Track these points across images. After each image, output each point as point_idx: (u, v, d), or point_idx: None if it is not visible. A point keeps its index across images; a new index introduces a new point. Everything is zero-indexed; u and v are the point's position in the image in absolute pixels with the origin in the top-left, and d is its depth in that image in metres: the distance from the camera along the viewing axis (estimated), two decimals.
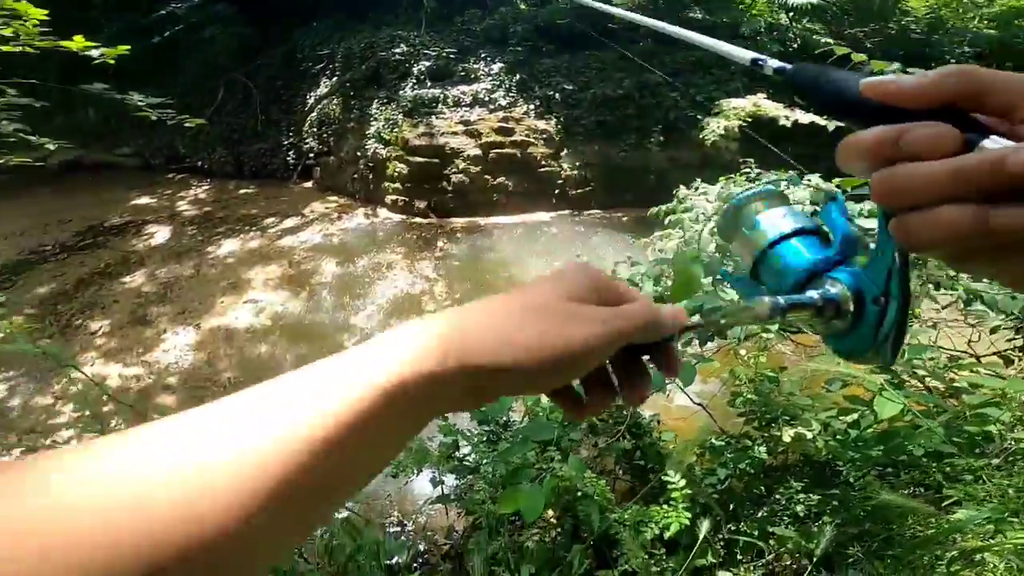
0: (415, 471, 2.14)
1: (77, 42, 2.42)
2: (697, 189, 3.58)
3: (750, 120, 6.64)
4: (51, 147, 3.17)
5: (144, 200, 7.62)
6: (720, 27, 8.63)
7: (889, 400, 1.34)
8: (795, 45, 8.10)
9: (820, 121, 6.13)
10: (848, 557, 1.54)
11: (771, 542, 1.66)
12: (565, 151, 7.39)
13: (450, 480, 2.08)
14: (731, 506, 1.76)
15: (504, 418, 2.12)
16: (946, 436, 1.38)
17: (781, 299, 0.31)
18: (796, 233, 0.34)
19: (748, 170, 3.51)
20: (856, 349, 0.32)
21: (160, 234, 6.51)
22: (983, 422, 1.41)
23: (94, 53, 2.51)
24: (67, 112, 9.09)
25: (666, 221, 3.50)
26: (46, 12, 2.40)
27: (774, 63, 0.35)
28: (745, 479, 1.81)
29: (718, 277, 1.81)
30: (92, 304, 5.30)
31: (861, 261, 0.32)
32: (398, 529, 2.77)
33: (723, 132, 6.70)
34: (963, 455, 1.35)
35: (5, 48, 2.52)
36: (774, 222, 0.35)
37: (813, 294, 0.31)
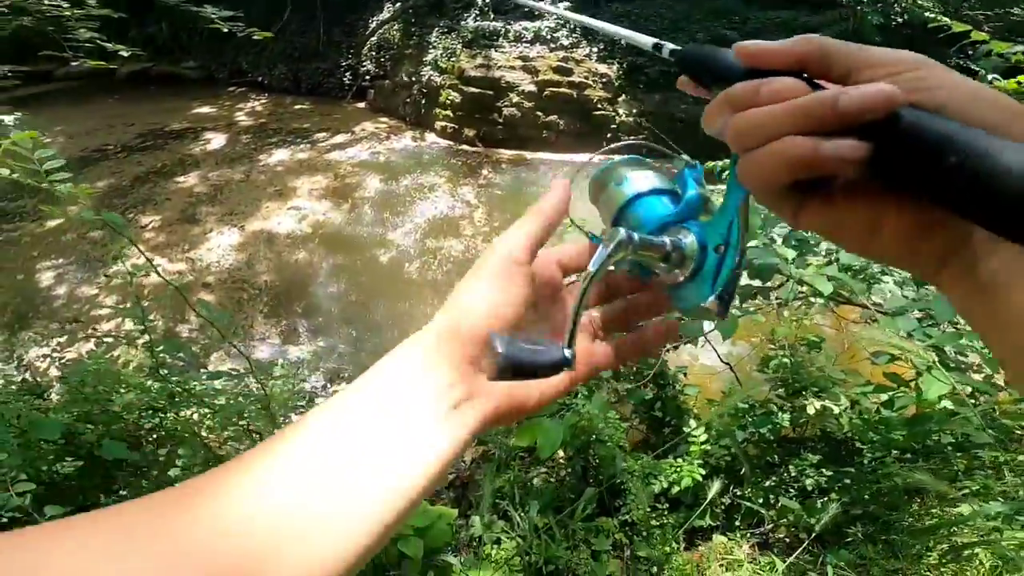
0: None
1: None
2: None
3: None
4: (124, 54, 3.24)
5: (205, 109, 7.81)
6: None
7: (937, 380, 1.24)
8: (900, 19, 7.36)
9: None
10: (845, 536, 1.54)
11: (772, 512, 1.65)
12: (623, 97, 7.14)
13: None
14: (740, 471, 1.73)
15: None
16: (980, 426, 1.31)
17: (636, 235, 0.33)
18: (652, 192, 0.37)
19: None
20: (694, 298, 0.34)
21: (216, 141, 6.66)
22: (1021, 416, 1.33)
23: None
24: (140, 25, 9.33)
25: (722, 176, 3.30)
26: None
27: (669, 46, 0.35)
28: (761, 445, 1.79)
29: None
30: (146, 200, 5.50)
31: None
32: None
33: None
34: (993, 447, 1.29)
35: None
36: (634, 182, 0.38)
37: (665, 239, 0.34)
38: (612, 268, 0.35)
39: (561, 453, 1.85)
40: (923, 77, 0.25)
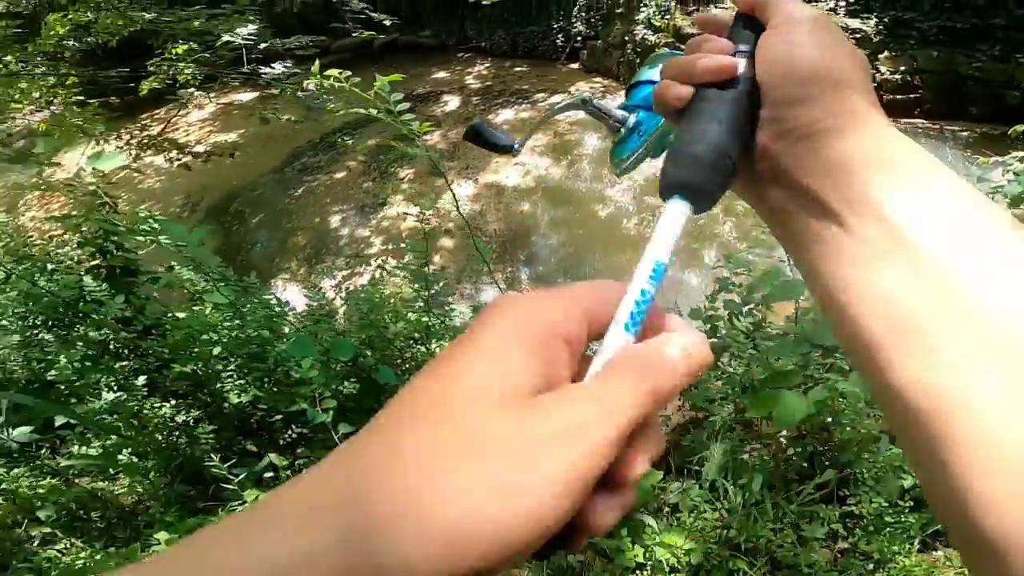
0: None
1: None
2: None
3: None
4: (387, 23, 3.70)
5: (441, 74, 8.83)
6: None
7: None
8: None
9: None
10: None
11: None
12: (885, 54, 6.14)
13: None
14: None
15: (759, 316, 1.94)
16: None
17: (594, 101, 0.51)
18: (647, 82, 0.49)
19: None
20: (618, 152, 0.53)
21: (452, 102, 7.54)
22: None
23: None
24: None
25: None
26: None
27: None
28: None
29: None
30: (402, 156, 6.49)
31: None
32: None
33: None
34: None
35: None
36: (646, 72, 0.50)
37: (616, 112, 0.49)
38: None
39: (785, 432, 1.70)
40: (767, 43, 0.34)
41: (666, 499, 1.56)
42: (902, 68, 6.07)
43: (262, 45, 4.52)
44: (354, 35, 4.11)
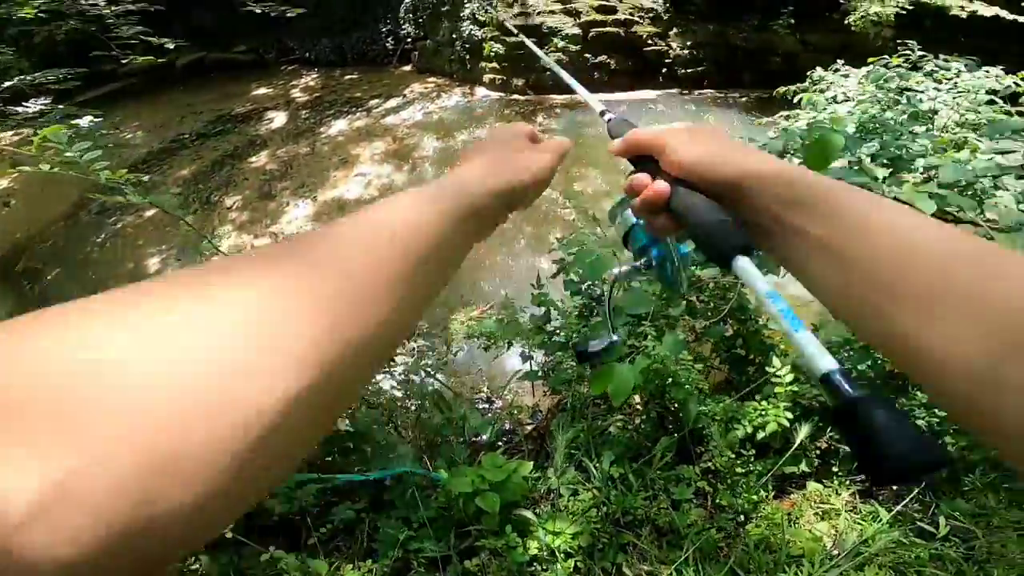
0: (507, 345, 2.05)
1: None
2: (837, 71, 3.20)
3: (911, 8, 5.61)
4: (170, 47, 3.30)
5: (263, 90, 8.14)
6: None
7: None
8: None
9: (1006, 15, 5.00)
10: (961, 485, 1.39)
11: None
12: (674, 30, 6.81)
13: (539, 356, 1.98)
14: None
15: (598, 291, 1.97)
16: None
17: (623, 268, 0.54)
18: (630, 231, 0.55)
19: (908, 52, 2.99)
20: (666, 286, 0.63)
21: (278, 119, 6.97)
22: None
23: None
24: (184, 19, 9.66)
25: (796, 100, 3.13)
26: None
27: (609, 114, 0.58)
28: (861, 384, 1.53)
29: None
30: (226, 182, 5.88)
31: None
32: (486, 406, 2.77)
33: (875, 17, 5.75)
34: None
35: None
36: (631, 215, 0.55)
37: (639, 263, 0.53)
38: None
39: (636, 398, 1.76)
40: (669, 159, 0.44)
41: (548, 486, 1.55)
42: (688, 43, 6.78)
43: (6, 84, 3.75)
44: (124, 62, 3.54)
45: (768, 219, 0.38)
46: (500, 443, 2.02)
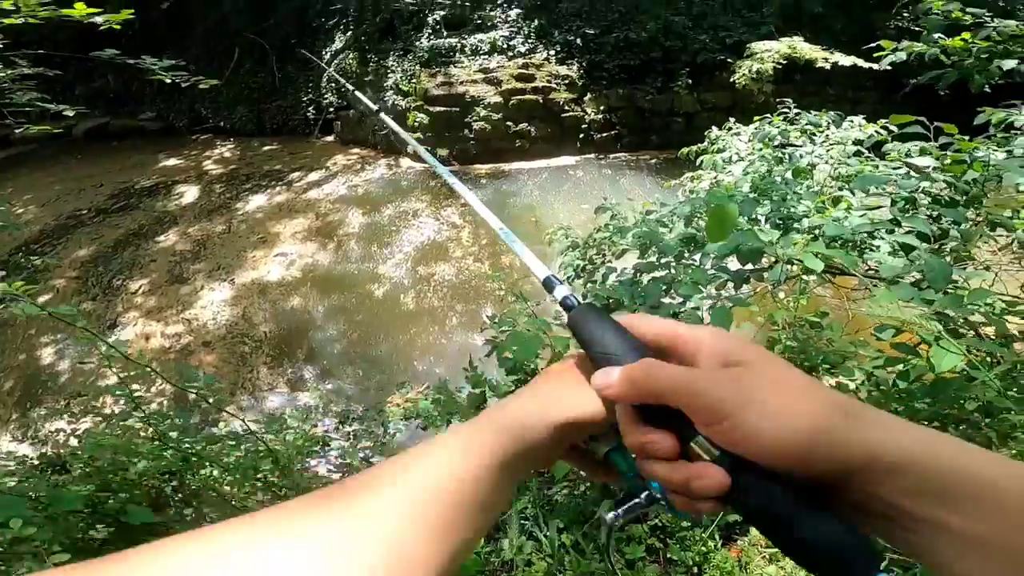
0: (444, 423, 2.13)
1: (79, 9, 2.33)
2: (730, 130, 3.50)
3: (784, 63, 6.39)
4: (70, 114, 3.11)
5: (172, 162, 7.72)
6: None
7: (947, 351, 1.19)
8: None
9: (863, 63, 5.81)
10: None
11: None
12: (588, 96, 7.26)
13: None
14: None
15: (532, 366, 2.03)
16: (1002, 389, 1.22)
17: (620, 511, 0.42)
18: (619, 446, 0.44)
19: (786, 110, 3.33)
20: (678, 517, 0.52)
21: (190, 193, 6.61)
22: None
23: (98, 20, 2.42)
24: (86, 81, 9.17)
25: (698, 162, 3.40)
26: None
27: (562, 291, 0.44)
28: None
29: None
30: (131, 264, 5.45)
31: None
32: None
33: (755, 75, 6.48)
34: (1020, 410, 1.20)
35: (7, 21, 2.43)
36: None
37: (638, 498, 0.41)
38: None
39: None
40: (729, 431, 0.31)
41: (501, 558, 1.58)
42: (601, 108, 7.23)
43: None
44: (19, 132, 3.25)
45: (888, 508, 0.30)
46: None
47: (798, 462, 0.30)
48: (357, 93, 1.51)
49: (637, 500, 0.42)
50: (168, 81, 2.92)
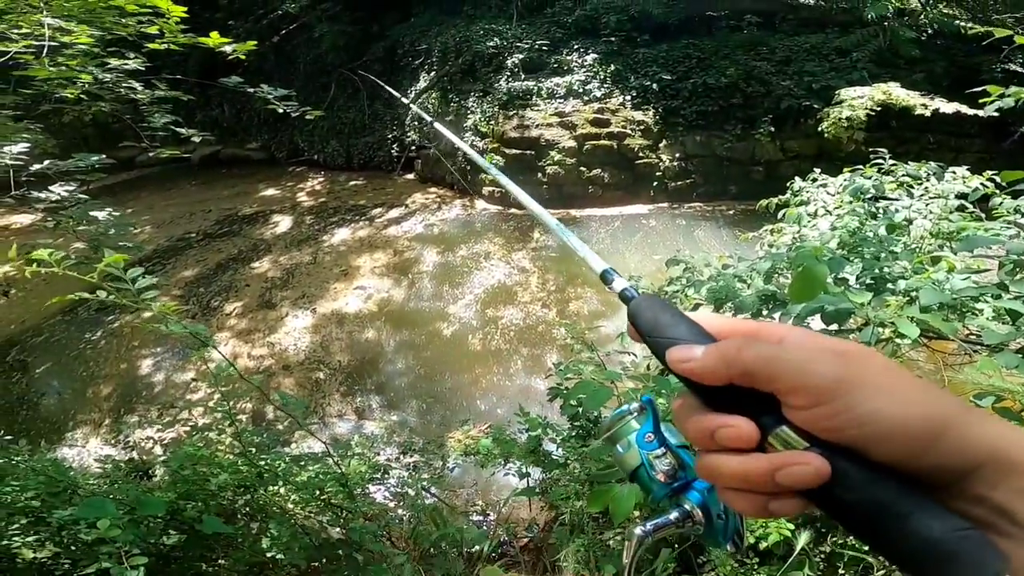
0: (503, 461, 2.18)
1: (214, 39, 2.54)
2: (815, 180, 3.35)
3: (878, 109, 6.06)
4: (196, 139, 3.39)
5: (270, 192, 8.47)
6: (837, 12, 7.90)
7: None
8: (930, 30, 7.23)
9: (966, 110, 5.43)
10: None
11: (881, 557, 1.48)
12: (664, 142, 7.18)
13: (536, 474, 2.06)
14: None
15: (596, 414, 2.08)
16: None
17: (649, 525, 0.40)
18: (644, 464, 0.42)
19: (880, 160, 3.16)
20: (714, 543, 0.41)
21: (283, 223, 7.21)
22: None
23: (227, 49, 2.61)
24: (205, 109, 10.20)
25: (779, 215, 3.29)
26: (184, 10, 2.53)
27: (621, 283, 0.40)
28: None
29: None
30: (228, 287, 5.99)
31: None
32: (481, 519, 2.82)
33: (846, 123, 6.17)
34: None
35: (152, 45, 2.67)
36: (633, 451, 0.43)
37: (672, 514, 0.40)
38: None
39: (637, 513, 1.75)
40: (838, 412, 0.28)
41: None
42: (677, 155, 7.11)
43: (35, 167, 3.75)
44: (151, 154, 3.59)
45: (994, 512, 0.27)
46: (495, 555, 2.08)
47: (912, 454, 0.27)
48: (414, 107, 1.63)
49: (668, 517, 0.39)
50: (280, 111, 3.16)
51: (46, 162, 3.88)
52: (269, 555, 1.76)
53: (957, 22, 6.97)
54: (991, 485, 0.27)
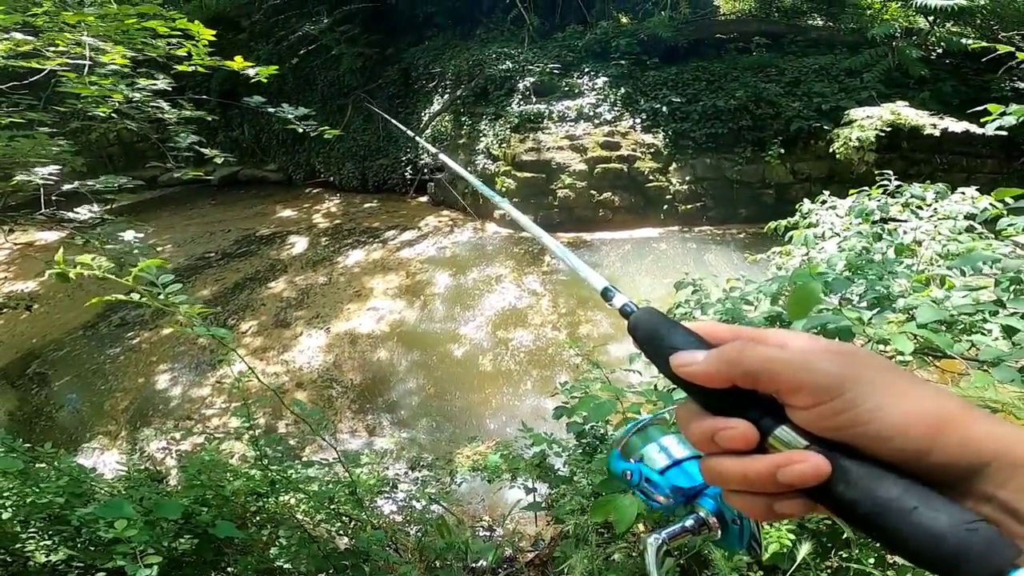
0: (511, 477, 2.21)
1: (238, 62, 2.65)
2: (824, 203, 3.38)
3: (888, 130, 6.06)
4: (219, 160, 3.51)
5: (287, 213, 8.67)
6: (845, 33, 7.96)
7: None
8: (938, 49, 7.25)
9: (976, 129, 5.43)
10: None
11: (891, 572, 1.47)
12: (674, 165, 7.19)
13: (542, 488, 2.09)
14: (843, 534, 1.59)
15: (602, 430, 2.11)
16: None
17: (664, 534, 0.40)
18: (670, 465, 0.43)
19: (886, 183, 3.20)
20: (731, 548, 0.41)
21: (299, 244, 7.38)
22: None
23: (251, 72, 2.71)
24: (226, 130, 10.45)
25: (787, 237, 3.31)
26: (213, 33, 2.63)
27: (621, 299, 0.40)
28: None
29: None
30: (245, 306, 6.12)
31: None
32: (487, 533, 2.85)
33: (857, 143, 6.18)
34: None
35: (180, 67, 2.77)
36: (654, 459, 0.44)
37: (688, 521, 0.40)
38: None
39: (641, 527, 1.77)
40: (840, 411, 0.28)
41: None
42: (687, 177, 7.11)
43: (66, 187, 3.84)
44: (176, 175, 3.68)
45: (1000, 511, 0.27)
46: (500, 570, 2.10)
47: (916, 451, 0.27)
48: (420, 139, 1.68)
49: (684, 525, 0.39)
50: (300, 131, 3.24)
51: (76, 183, 4.01)
52: (277, 564, 1.79)
53: (965, 40, 6.98)
54: (998, 483, 0.27)
